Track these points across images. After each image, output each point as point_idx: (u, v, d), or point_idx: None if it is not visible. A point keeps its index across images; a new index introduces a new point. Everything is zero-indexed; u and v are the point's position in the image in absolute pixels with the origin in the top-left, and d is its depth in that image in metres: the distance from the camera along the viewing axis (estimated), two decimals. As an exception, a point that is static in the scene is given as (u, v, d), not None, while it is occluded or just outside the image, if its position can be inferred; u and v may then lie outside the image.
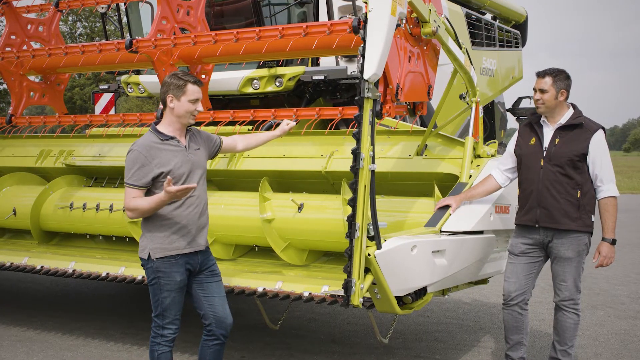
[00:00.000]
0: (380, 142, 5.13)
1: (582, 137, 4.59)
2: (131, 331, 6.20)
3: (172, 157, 3.99)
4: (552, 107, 4.68)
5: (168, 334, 4.09)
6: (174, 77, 4.05)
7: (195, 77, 4.15)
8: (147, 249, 4.02)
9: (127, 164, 3.99)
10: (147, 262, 4.04)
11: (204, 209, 4.17)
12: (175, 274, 4.03)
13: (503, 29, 10.47)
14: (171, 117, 4.07)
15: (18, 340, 5.95)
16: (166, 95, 4.03)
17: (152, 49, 5.47)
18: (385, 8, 3.84)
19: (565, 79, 4.68)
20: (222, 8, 7.49)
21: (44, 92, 6.98)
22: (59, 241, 6.69)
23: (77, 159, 6.68)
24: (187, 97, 4.02)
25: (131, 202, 3.94)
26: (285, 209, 5.23)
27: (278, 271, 5.19)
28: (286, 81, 6.70)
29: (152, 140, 4.02)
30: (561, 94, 4.65)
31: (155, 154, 3.96)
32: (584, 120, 4.67)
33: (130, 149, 4.02)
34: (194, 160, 4.10)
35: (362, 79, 3.78)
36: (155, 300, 4.08)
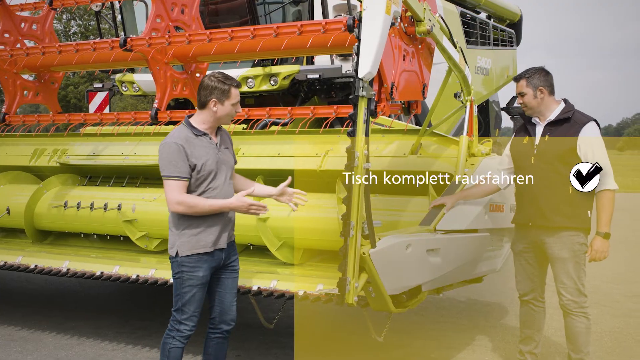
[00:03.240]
0: (375, 141, 5.13)
1: (571, 131, 4.52)
2: (126, 330, 6.19)
3: (204, 153, 4.05)
4: (536, 107, 4.64)
5: (184, 329, 4.12)
6: (218, 81, 4.07)
7: (235, 79, 4.19)
8: (175, 246, 4.07)
9: (167, 157, 3.98)
10: (174, 258, 4.09)
11: None
12: (199, 270, 4.08)
13: (498, 27, 10.47)
14: (207, 117, 4.11)
15: (12, 339, 5.93)
16: (209, 99, 4.06)
17: (146, 48, 5.46)
18: (380, 7, 3.83)
19: (541, 76, 4.63)
20: (217, 7, 7.49)
21: (38, 90, 6.96)
22: (53, 240, 6.67)
23: (72, 158, 6.66)
24: (230, 101, 4.10)
25: (186, 199, 3.96)
26: (280, 207, 5.21)
27: (273, 270, 5.19)
28: (281, 80, 6.70)
29: (187, 134, 4.06)
30: (540, 92, 4.61)
31: (190, 147, 4.01)
32: (574, 114, 4.59)
33: (166, 142, 4.02)
34: (223, 159, 4.17)
35: (356, 78, 3.77)
36: (177, 295, 4.13)
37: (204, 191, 4.06)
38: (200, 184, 4.05)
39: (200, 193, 4.05)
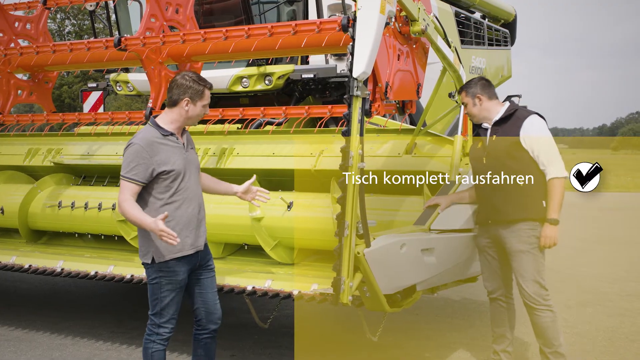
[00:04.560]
0: (369, 141, 5.13)
1: (514, 127, 4.61)
2: (120, 330, 6.18)
3: (171, 155, 4.01)
4: (477, 114, 4.77)
5: (164, 332, 4.09)
6: (192, 81, 4.06)
7: (208, 81, 4.19)
8: (150, 252, 4.02)
9: (127, 158, 3.96)
10: (150, 264, 4.03)
11: (201, 202, 4.21)
12: (177, 274, 4.04)
13: (492, 27, 10.50)
14: (176, 116, 4.08)
15: (6, 339, 5.92)
16: (181, 98, 4.04)
17: (140, 47, 5.45)
18: (375, 6, 3.84)
19: (479, 85, 4.77)
20: (211, 6, 7.48)
21: (32, 90, 6.94)
22: (48, 240, 6.65)
23: (66, 158, 6.65)
24: (202, 102, 4.10)
25: (125, 205, 3.90)
26: (275, 207, 5.22)
27: (267, 269, 5.19)
28: (275, 79, 6.70)
29: (153, 135, 4.02)
30: (478, 99, 4.75)
31: (156, 149, 3.96)
32: (517, 110, 4.70)
33: (131, 142, 4.00)
34: (190, 159, 4.14)
35: (351, 78, 3.78)
36: (154, 299, 4.07)
37: (174, 193, 4.01)
38: (169, 186, 4.00)
39: (172, 195, 4.00)
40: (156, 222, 3.77)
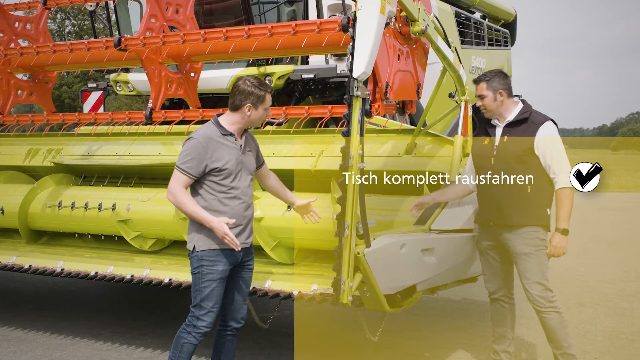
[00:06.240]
0: (369, 141, 5.13)
1: (528, 132, 4.58)
2: (120, 330, 6.18)
3: (226, 154, 4.11)
4: (495, 109, 4.71)
5: (202, 325, 4.14)
6: (254, 87, 4.15)
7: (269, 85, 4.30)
8: (193, 241, 4.12)
9: (184, 150, 4.09)
10: (193, 252, 4.13)
11: (250, 203, 4.28)
12: (219, 264, 4.12)
13: (492, 27, 10.50)
14: (238, 119, 4.19)
15: (5, 339, 5.91)
16: (244, 103, 4.14)
17: (140, 47, 5.45)
18: (375, 6, 3.84)
19: (500, 79, 4.72)
20: (212, 6, 7.48)
21: (32, 90, 6.93)
22: (48, 240, 6.65)
23: (66, 158, 6.65)
24: (264, 106, 4.20)
25: (178, 194, 4.03)
26: (275, 207, 5.22)
27: (267, 270, 5.18)
28: (275, 80, 6.70)
29: (213, 133, 4.14)
30: (499, 94, 4.68)
31: (213, 147, 4.08)
32: (531, 114, 4.66)
33: (191, 136, 4.13)
34: (245, 161, 4.22)
35: (351, 78, 3.78)
36: (195, 290, 4.15)
37: (225, 191, 4.11)
38: (220, 184, 4.10)
39: (221, 192, 4.10)
40: (222, 224, 3.94)
